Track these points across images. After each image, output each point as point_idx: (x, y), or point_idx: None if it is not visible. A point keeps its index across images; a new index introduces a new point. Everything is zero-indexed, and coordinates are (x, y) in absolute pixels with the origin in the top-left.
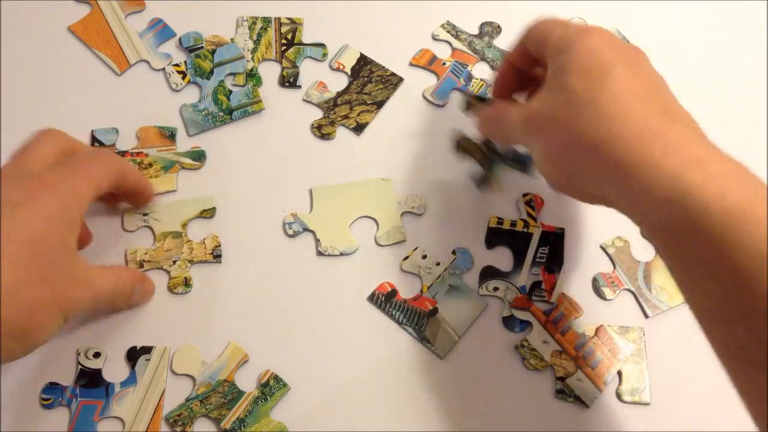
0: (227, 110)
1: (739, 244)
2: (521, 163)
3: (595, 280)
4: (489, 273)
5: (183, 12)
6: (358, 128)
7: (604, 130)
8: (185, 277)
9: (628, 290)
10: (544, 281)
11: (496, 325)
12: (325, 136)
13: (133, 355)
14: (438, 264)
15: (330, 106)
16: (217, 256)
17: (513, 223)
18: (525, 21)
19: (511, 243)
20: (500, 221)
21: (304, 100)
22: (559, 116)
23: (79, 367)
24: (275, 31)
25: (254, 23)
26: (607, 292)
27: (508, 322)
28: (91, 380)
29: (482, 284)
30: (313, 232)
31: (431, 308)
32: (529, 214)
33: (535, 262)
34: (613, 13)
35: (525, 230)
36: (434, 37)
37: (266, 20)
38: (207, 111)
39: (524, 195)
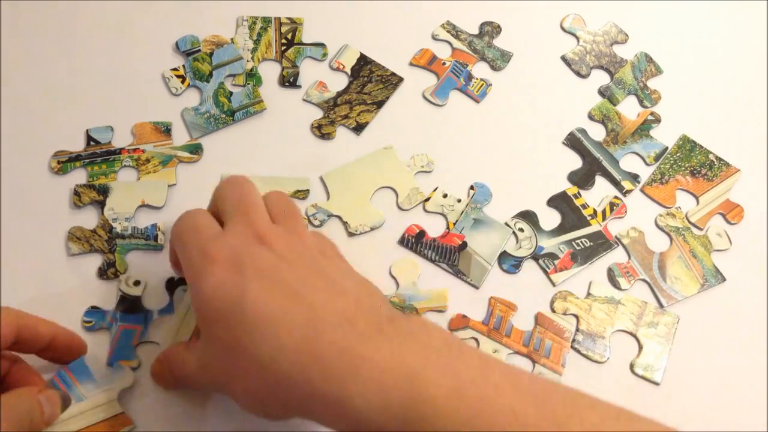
0: (229, 112)
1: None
2: None
3: (610, 271)
4: (526, 216)
5: (183, 12)
6: (358, 128)
7: (270, 374)
8: None
9: (643, 280)
10: (560, 260)
11: None
12: (325, 136)
13: (171, 285)
14: (459, 201)
15: (330, 105)
16: None
17: (585, 206)
18: (525, 21)
19: (567, 214)
20: (578, 196)
21: (304, 99)
22: (227, 373)
23: (120, 293)
24: (275, 30)
25: (254, 23)
26: (622, 282)
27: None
28: (131, 306)
29: (514, 219)
30: (338, 216)
31: (460, 243)
32: (603, 212)
33: (570, 243)
34: (612, 13)
35: (588, 218)
36: (434, 37)
37: (266, 20)
38: (209, 114)
39: (615, 196)
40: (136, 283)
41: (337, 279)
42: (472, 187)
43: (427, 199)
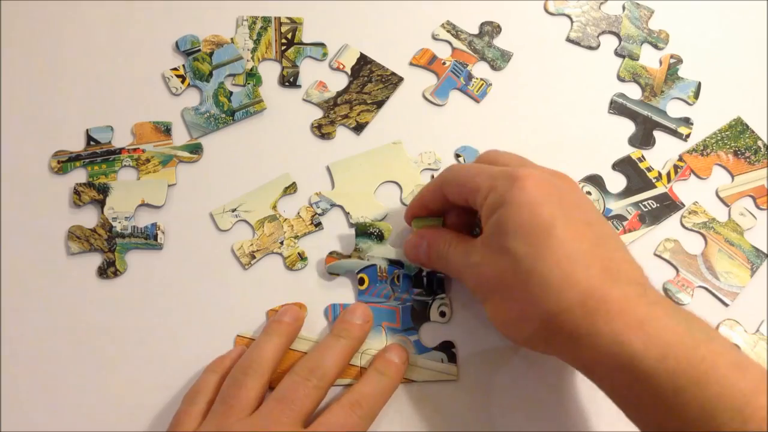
0: (229, 111)
1: (686, 407)
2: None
3: (666, 290)
4: (595, 180)
5: (183, 11)
6: (358, 128)
7: (552, 303)
8: (299, 253)
9: (700, 287)
10: (628, 221)
11: None
12: (325, 136)
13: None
14: None
15: (330, 105)
16: (317, 225)
17: (650, 168)
18: (525, 20)
19: (633, 177)
20: (642, 159)
21: (304, 99)
22: (507, 284)
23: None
24: (275, 30)
25: (254, 23)
26: (683, 297)
27: None
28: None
29: (582, 182)
30: (341, 206)
31: None
32: (668, 174)
33: (637, 204)
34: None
35: (653, 180)
36: (434, 37)
37: (266, 20)
38: (209, 113)
39: (679, 158)
40: (442, 314)
41: (622, 246)
42: (458, 155)
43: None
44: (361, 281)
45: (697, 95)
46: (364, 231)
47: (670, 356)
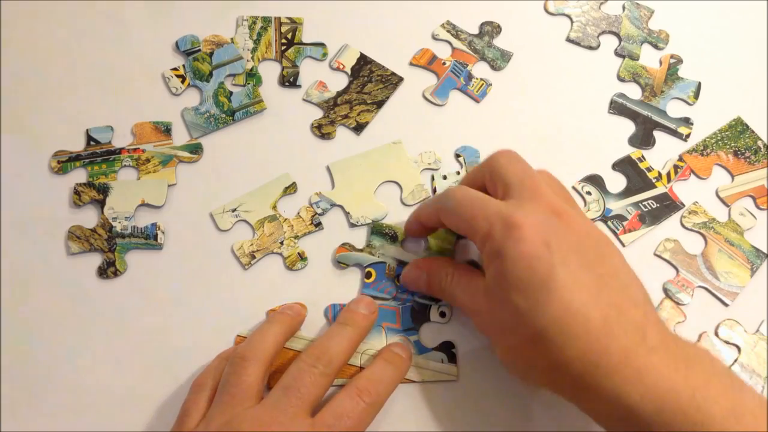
0: (229, 111)
1: None
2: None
3: (666, 290)
4: (595, 180)
5: (183, 11)
6: (358, 128)
7: (553, 357)
8: (299, 253)
9: (700, 287)
10: (628, 221)
11: None
12: (325, 136)
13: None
14: (458, 173)
15: (330, 105)
16: (317, 225)
17: (650, 168)
18: (525, 20)
19: (633, 177)
20: (642, 159)
21: (304, 99)
22: (512, 335)
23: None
24: (275, 30)
25: (254, 23)
26: (683, 297)
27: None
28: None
29: (582, 182)
30: (341, 206)
31: None
32: (668, 174)
33: (636, 204)
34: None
35: (653, 180)
36: (434, 37)
37: (266, 20)
38: (209, 113)
39: (679, 158)
40: (442, 314)
41: (627, 282)
42: (458, 155)
43: (434, 190)
44: (368, 275)
45: (697, 95)
46: (379, 230)
47: (666, 409)
